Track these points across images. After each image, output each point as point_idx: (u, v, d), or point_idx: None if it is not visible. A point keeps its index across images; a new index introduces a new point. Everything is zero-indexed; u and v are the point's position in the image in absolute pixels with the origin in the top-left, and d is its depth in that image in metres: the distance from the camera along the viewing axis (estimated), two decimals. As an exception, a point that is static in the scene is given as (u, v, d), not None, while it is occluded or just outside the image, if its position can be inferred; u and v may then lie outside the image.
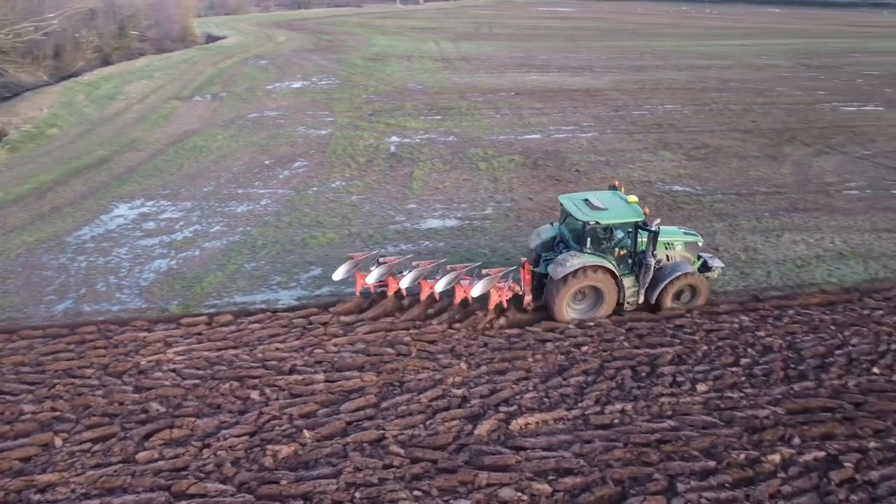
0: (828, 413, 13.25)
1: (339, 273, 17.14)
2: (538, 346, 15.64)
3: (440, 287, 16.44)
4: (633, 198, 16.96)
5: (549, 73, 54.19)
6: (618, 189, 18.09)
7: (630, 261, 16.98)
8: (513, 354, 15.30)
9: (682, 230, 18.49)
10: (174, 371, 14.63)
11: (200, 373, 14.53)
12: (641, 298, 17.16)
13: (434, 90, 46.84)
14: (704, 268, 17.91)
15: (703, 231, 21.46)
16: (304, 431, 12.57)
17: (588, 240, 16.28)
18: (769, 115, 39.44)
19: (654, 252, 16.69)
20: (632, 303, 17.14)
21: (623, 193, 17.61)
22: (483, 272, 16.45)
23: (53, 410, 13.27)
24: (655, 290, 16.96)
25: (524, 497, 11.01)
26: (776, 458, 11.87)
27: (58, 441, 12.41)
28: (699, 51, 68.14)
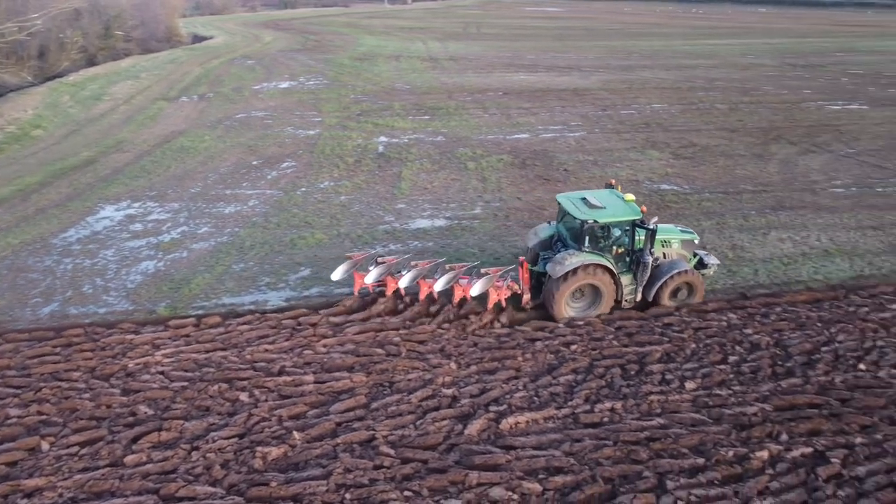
0: (815, 409, 13.38)
1: (338, 273, 17.08)
2: (528, 346, 15.68)
3: (439, 286, 16.47)
4: (630, 196, 17.05)
5: (537, 73, 54.30)
6: (614, 188, 18.17)
7: (628, 259, 17.08)
8: (502, 354, 15.33)
9: (679, 228, 18.61)
10: (162, 373, 14.53)
11: (189, 375, 14.44)
12: (639, 296, 17.25)
13: (422, 90, 46.81)
14: (700, 265, 18.05)
15: (691, 229, 21.51)
16: (294, 433, 12.53)
17: (586, 238, 16.35)
18: (755, 114, 39.71)
19: (652, 250, 16.79)
20: (629, 300, 17.23)
21: (620, 192, 17.71)
22: (482, 271, 16.51)
23: (40, 414, 13.15)
24: (653, 288, 17.08)
25: (514, 496, 11.03)
26: (764, 455, 11.97)
27: (44, 445, 12.30)
28: (686, 50, 68.51)
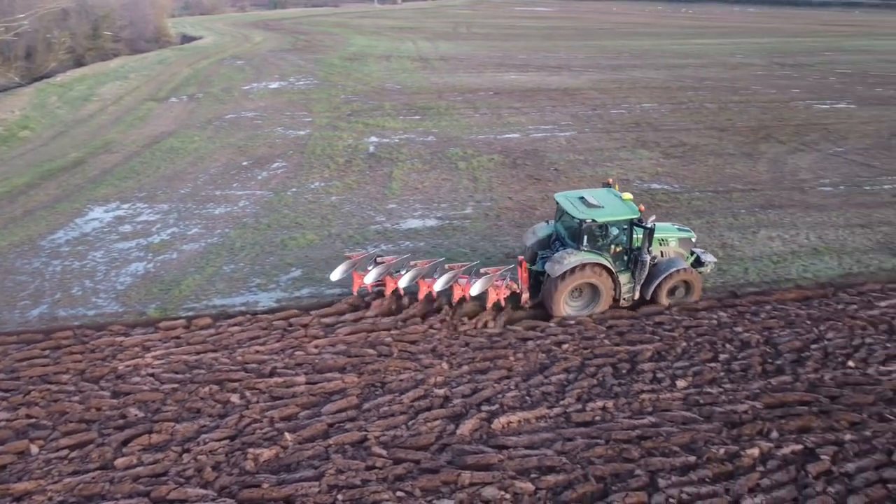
0: (804, 407, 13.46)
1: (337, 273, 17.04)
2: (519, 345, 15.69)
3: (438, 286, 16.50)
4: (628, 195, 17.11)
5: (528, 73, 54.38)
6: (612, 187, 18.25)
7: (626, 258, 17.15)
8: (494, 353, 15.34)
9: (676, 226, 18.71)
10: (152, 375, 14.45)
11: (179, 377, 14.37)
12: (637, 295, 17.33)
13: (412, 90, 46.78)
14: (697, 263, 18.15)
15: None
16: (286, 434, 12.49)
17: (584, 237, 16.41)
18: (745, 114, 39.92)
19: (650, 249, 16.86)
20: (627, 299, 17.31)
21: (617, 191, 17.78)
22: (481, 271, 16.56)
23: (29, 417, 13.05)
24: (651, 287, 17.16)
25: (507, 496, 11.04)
26: (755, 452, 12.03)
27: (34, 448, 12.21)
28: (675, 50, 68.79)
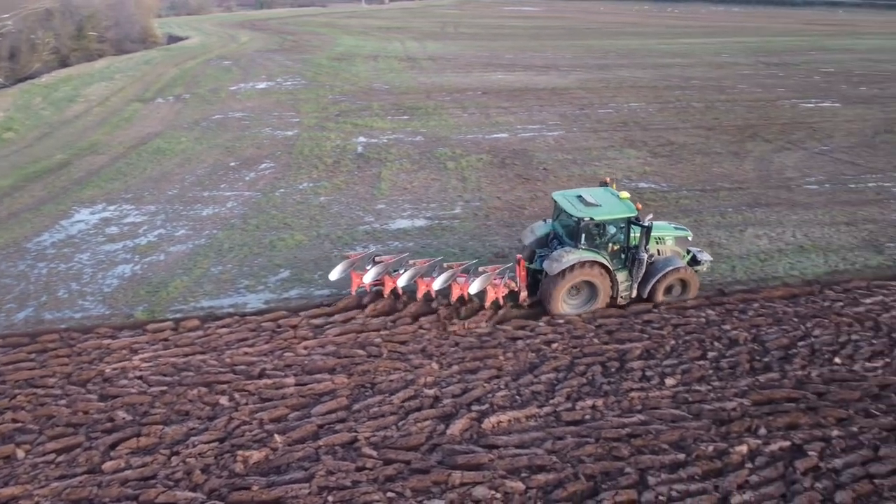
0: (792, 403, 13.58)
1: (335, 273, 17.03)
2: (509, 345, 15.72)
3: (437, 285, 16.52)
4: (625, 194, 17.21)
5: (515, 73, 54.44)
6: (609, 185, 18.34)
7: (623, 256, 17.25)
8: (484, 353, 15.36)
9: (673, 225, 18.84)
10: (140, 378, 14.35)
11: (167, 379, 14.28)
12: (634, 293, 17.43)
13: (401, 90, 46.72)
14: (694, 261, 18.28)
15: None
16: (276, 436, 12.45)
17: (582, 236, 16.48)
18: (731, 113, 40.17)
19: (647, 247, 16.95)
20: (625, 297, 17.41)
21: (615, 189, 17.86)
22: (479, 269, 16.60)
23: (15, 422, 12.94)
24: (648, 285, 17.27)
25: (497, 495, 11.06)
26: (743, 449, 12.13)
27: (20, 453, 12.11)
28: (662, 49, 69.10)
